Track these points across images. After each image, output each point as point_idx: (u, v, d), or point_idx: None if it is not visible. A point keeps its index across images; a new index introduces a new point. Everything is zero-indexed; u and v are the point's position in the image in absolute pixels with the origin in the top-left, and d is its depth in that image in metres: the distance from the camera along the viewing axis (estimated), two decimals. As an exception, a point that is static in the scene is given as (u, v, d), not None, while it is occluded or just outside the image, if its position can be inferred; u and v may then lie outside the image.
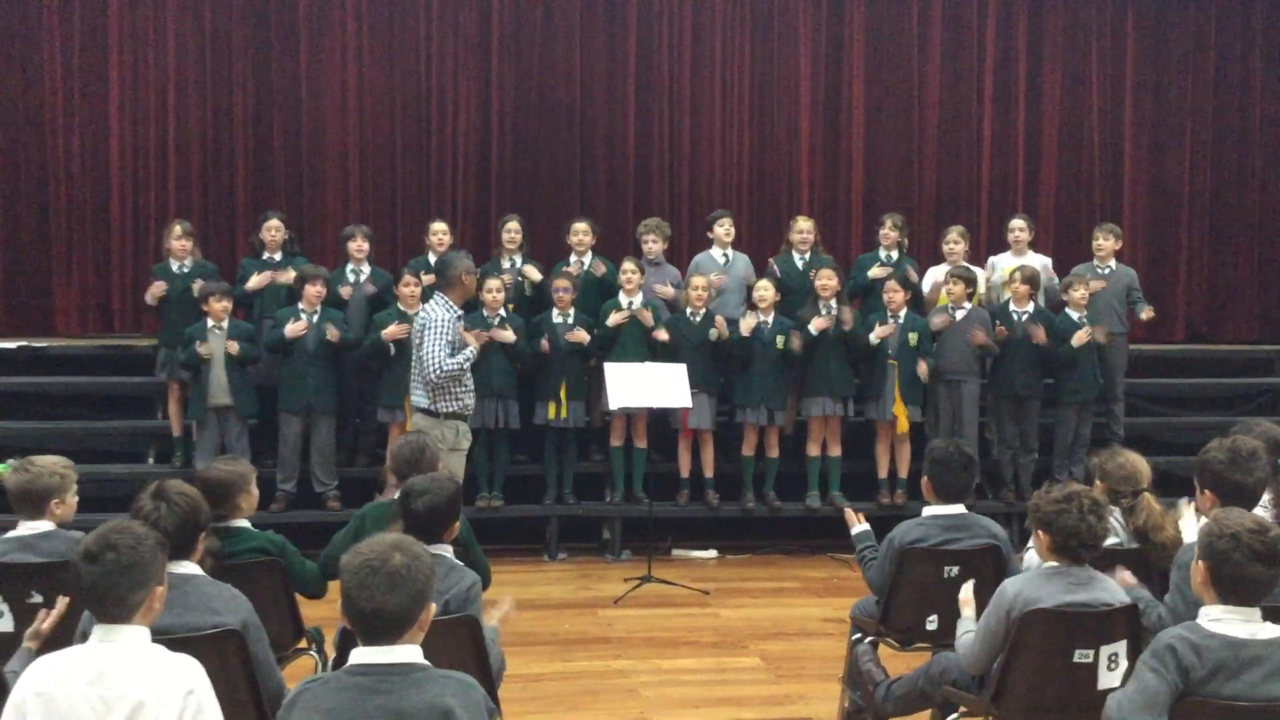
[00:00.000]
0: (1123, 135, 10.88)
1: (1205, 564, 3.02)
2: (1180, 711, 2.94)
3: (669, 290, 8.19)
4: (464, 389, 6.43)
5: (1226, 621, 3.00)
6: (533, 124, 10.15)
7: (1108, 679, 3.59)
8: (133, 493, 7.63)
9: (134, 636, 2.80)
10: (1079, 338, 7.91)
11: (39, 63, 9.55)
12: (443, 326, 6.33)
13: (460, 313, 6.49)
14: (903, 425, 7.90)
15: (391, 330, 7.46)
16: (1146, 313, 8.41)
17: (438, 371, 6.26)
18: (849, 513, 5.01)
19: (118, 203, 9.70)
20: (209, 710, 2.79)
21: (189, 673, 2.78)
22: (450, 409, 6.39)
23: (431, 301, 6.52)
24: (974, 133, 10.70)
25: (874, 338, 7.80)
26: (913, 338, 7.88)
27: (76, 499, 4.32)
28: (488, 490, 7.90)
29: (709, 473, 8.12)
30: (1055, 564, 3.69)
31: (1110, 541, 4.36)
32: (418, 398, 6.43)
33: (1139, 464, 4.34)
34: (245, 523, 4.27)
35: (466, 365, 6.38)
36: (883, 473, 8.14)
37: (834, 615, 6.46)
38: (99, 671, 2.73)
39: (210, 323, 7.48)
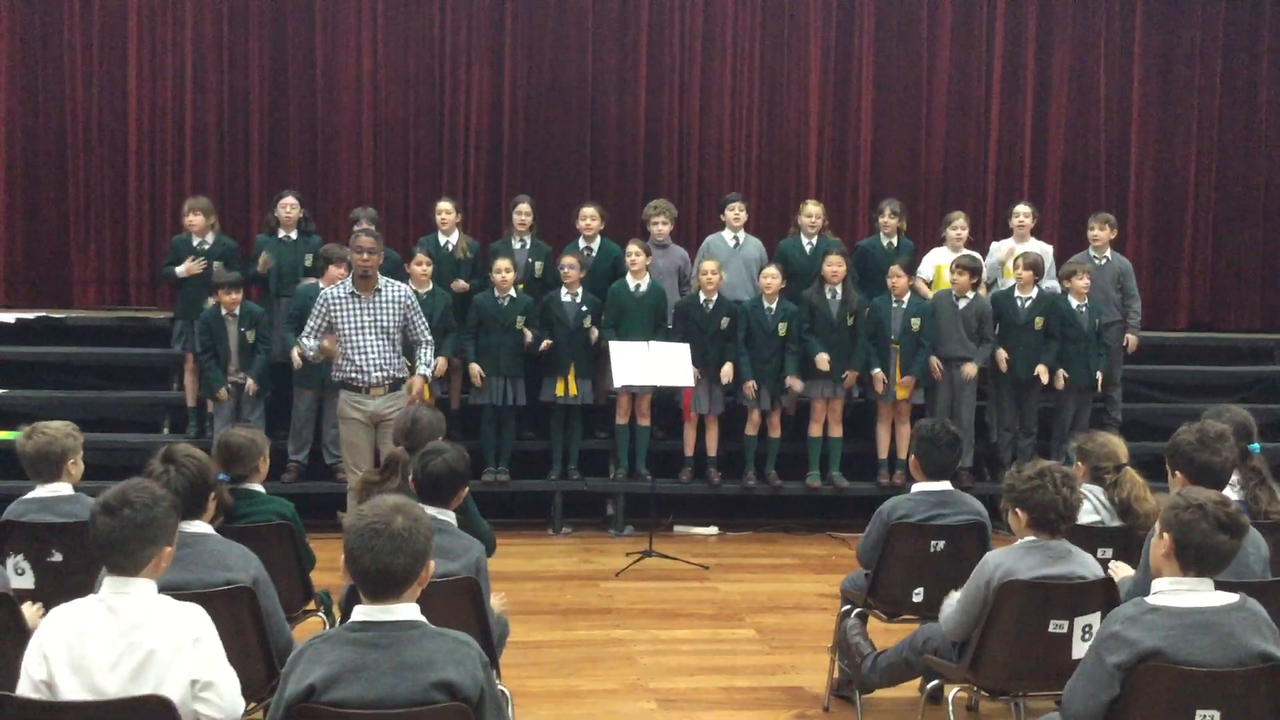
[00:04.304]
0: (1129, 123, 10.94)
1: (1170, 535, 3.11)
2: (1134, 679, 3.04)
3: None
4: (349, 361, 6.46)
5: (1175, 593, 3.09)
6: (544, 105, 10.28)
7: (1081, 649, 3.72)
8: (147, 461, 7.88)
9: (143, 589, 2.95)
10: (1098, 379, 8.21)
11: (59, 40, 9.73)
12: (321, 302, 6.53)
13: (353, 289, 6.49)
14: (902, 393, 8.02)
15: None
16: (1131, 342, 8.59)
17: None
18: None
19: (135, 178, 9.88)
20: (217, 656, 2.96)
21: (196, 621, 2.95)
22: (337, 376, 6.59)
23: None
24: (981, 119, 10.79)
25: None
26: (915, 323, 8.01)
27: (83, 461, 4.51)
28: (494, 465, 8.05)
29: (712, 451, 8.26)
30: (1033, 538, 3.84)
31: (1092, 519, 4.52)
32: None
33: (1116, 443, 4.52)
34: (259, 487, 4.44)
35: (308, 353, 6.49)
36: (883, 453, 8.27)
37: (829, 591, 6.59)
38: (109, 622, 2.89)
39: (223, 310, 7.66)
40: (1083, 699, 3.12)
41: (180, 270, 8.02)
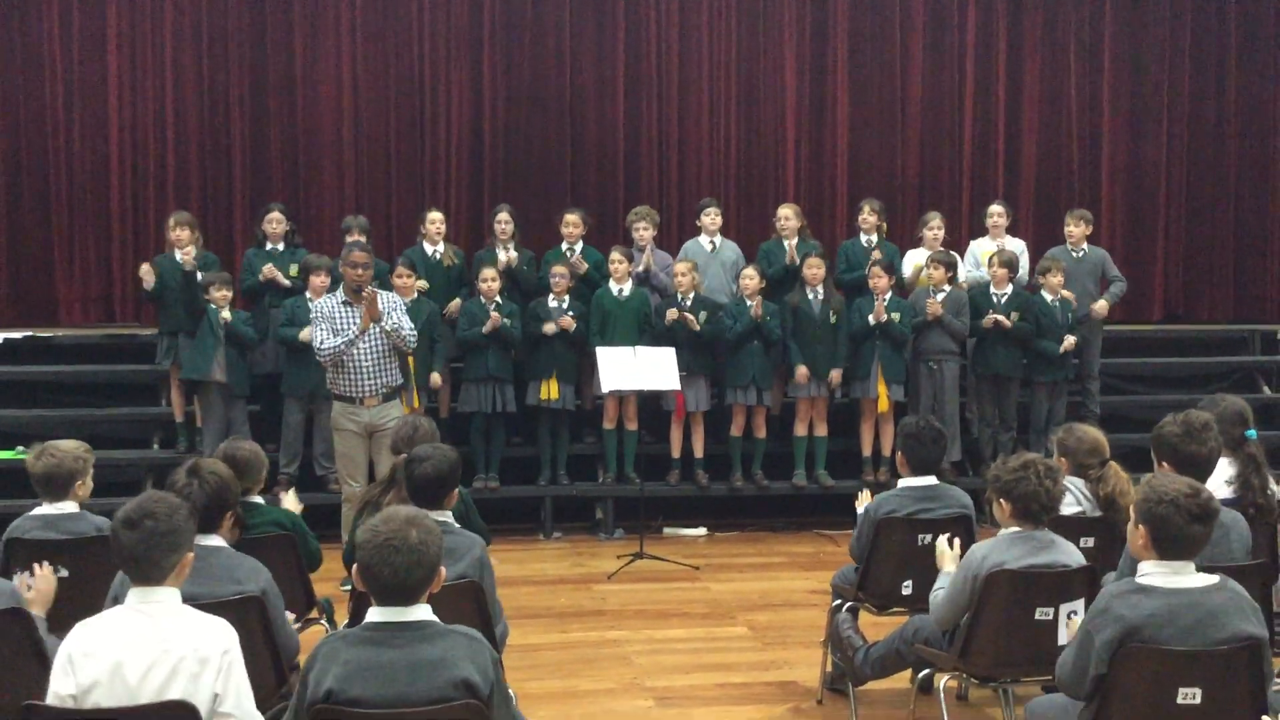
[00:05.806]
0: (1100, 120, 11.12)
1: (1146, 528, 3.25)
2: (1120, 658, 3.18)
3: (648, 257, 8.35)
4: (343, 372, 6.55)
5: (1160, 575, 3.24)
6: (524, 114, 10.37)
7: (1067, 635, 3.85)
8: (138, 477, 7.96)
9: (169, 597, 3.04)
10: (1067, 344, 8.25)
11: (39, 57, 9.74)
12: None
13: (345, 299, 6.62)
14: (884, 404, 8.16)
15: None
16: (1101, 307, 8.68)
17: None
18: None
19: (117, 195, 9.91)
20: (240, 669, 3.03)
21: (224, 633, 3.03)
22: (334, 391, 6.66)
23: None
24: (955, 120, 10.94)
25: (872, 319, 8.03)
26: (895, 318, 8.13)
27: (92, 481, 4.59)
28: (484, 472, 8.14)
29: (699, 453, 8.37)
30: (1018, 529, 3.96)
31: (1074, 510, 4.64)
32: None
33: (1097, 436, 4.62)
34: (259, 499, 4.53)
35: (341, 345, 6.47)
36: (867, 451, 8.40)
37: (819, 587, 6.72)
38: (142, 630, 2.96)
39: (213, 308, 7.70)
40: (1072, 671, 3.29)
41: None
